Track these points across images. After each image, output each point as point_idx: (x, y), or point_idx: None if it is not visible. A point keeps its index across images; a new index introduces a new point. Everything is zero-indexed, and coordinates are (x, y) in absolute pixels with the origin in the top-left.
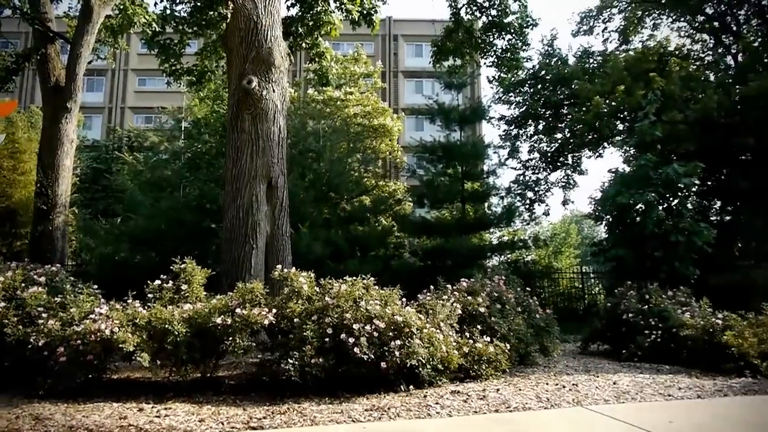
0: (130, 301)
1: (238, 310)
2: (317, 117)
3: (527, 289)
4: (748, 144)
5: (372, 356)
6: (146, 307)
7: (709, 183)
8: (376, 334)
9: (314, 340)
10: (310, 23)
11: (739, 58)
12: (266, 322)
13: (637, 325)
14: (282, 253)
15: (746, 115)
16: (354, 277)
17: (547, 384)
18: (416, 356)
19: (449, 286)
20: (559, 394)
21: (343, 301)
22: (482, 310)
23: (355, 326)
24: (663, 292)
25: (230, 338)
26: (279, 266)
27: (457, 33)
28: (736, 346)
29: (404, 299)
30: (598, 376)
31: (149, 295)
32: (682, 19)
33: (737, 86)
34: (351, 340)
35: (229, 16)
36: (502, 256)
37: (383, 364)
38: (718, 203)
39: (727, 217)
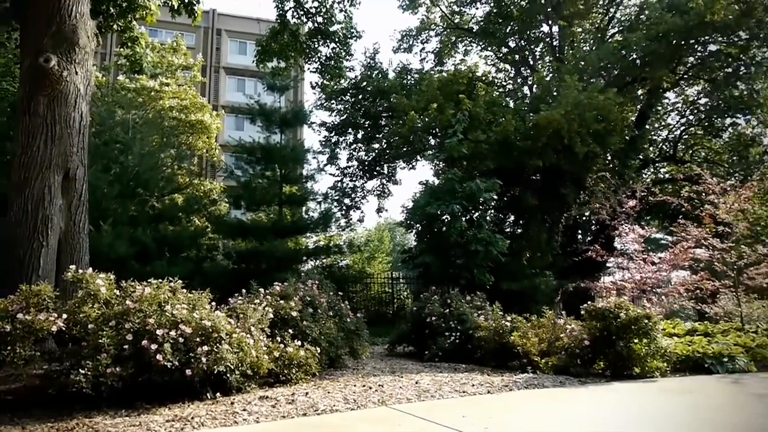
0: None
1: (20, 315)
2: (127, 106)
3: (340, 293)
4: (538, 166)
5: (176, 363)
6: None
7: (505, 198)
8: (181, 339)
9: (111, 347)
10: (123, 4)
11: (534, 89)
12: (55, 328)
13: (439, 328)
14: (78, 252)
15: (537, 140)
16: (161, 280)
17: (354, 386)
18: (224, 362)
19: (262, 290)
20: (366, 395)
21: (147, 305)
22: (294, 314)
23: (159, 332)
24: (463, 297)
25: (9, 347)
26: (73, 267)
27: (283, 35)
28: (521, 345)
29: (215, 303)
30: (402, 377)
31: None
32: (490, 48)
33: (531, 114)
34: (154, 346)
35: None
36: (318, 261)
37: (188, 372)
38: (512, 217)
39: (518, 230)
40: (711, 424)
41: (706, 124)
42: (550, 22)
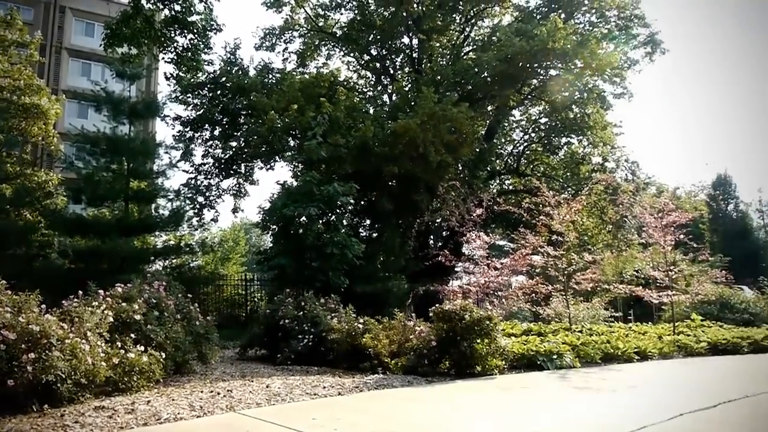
0: None
1: None
2: None
3: (190, 295)
4: (394, 172)
5: None
6: None
7: (362, 202)
8: (3, 347)
9: None
10: None
11: (393, 98)
12: None
13: (293, 330)
14: None
15: (394, 147)
16: None
17: (202, 392)
18: (55, 371)
19: (102, 291)
20: (214, 401)
21: None
22: (138, 317)
23: None
24: (317, 300)
25: None
26: None
27: (136, 20)
28: (372, 347)
29: (45, 306)
30: (252, 381)
31: None
32: (352, 54)
33: (389, 121)
34: None
35: None
36: (167, 261)
37: (11, 382)
38: (368, 221)
39: (374, 234)
40: (541, 414)
41: (546, 141)
42: (410, 35)
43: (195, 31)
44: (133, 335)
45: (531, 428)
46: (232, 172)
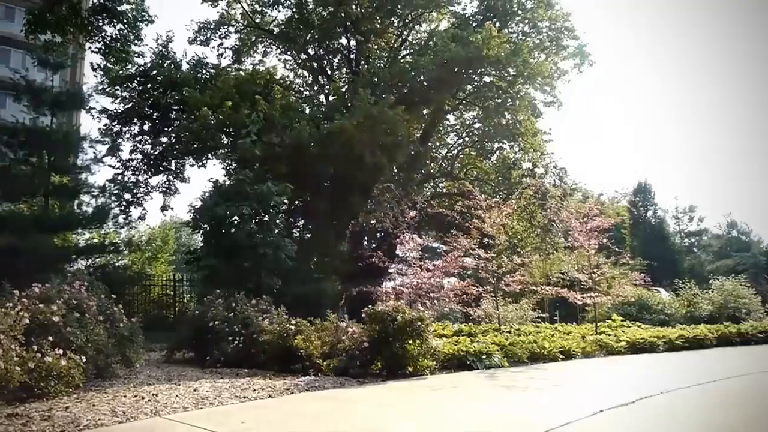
0: None
1: None
2: None
3: (114, 296)
4: (329, 173)
5: None
6: None
7: (297, 203)
8: None
9: None
10: None
11: (330, 98)
12: None
13: (223, 332)
14: None
15: (330, 148)
16: None
17: (125, 396)
18: None
19: (18, 292)
20: (137, 406)
21: None
22: (56, 319)
23: None
24: (249, 301)
25: None
26: None
27: (61, 6)
28: (304, 348)
29: None
30: (179, 385)
31: None
32: (289, 53)
33: (326, 122)
34: None
35: None
36: (90, 260)
37: None
38: (302, 221)
39: (308, 235)
40: (470, 414)
41: (479, 146)
42: (349, 36)
43: (125, 21)
44: (51, 338)
45: (459, 428)
46: (161, 168)
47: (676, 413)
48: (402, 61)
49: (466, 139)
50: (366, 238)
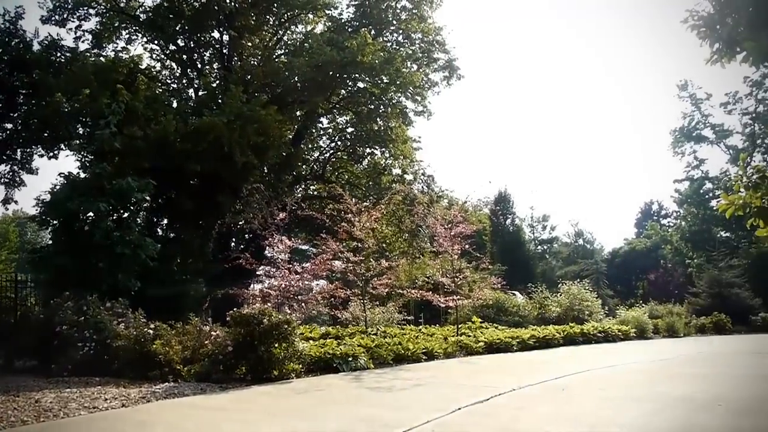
0: None
1: None
2: None
3: None
4: (197, 170)
5: None
6: None
7: (160, 200)
8: None
9: None
10: None
11: (200, 93)
12: None
13: (72, 338)
14: None
15: (198, 144)
16: None
17: None
18: None
19: None
20: None
21: None
22: None
23: None
24: (103, 304)
25: None
26: None
27: None
28: (163, 353)
29: None
30: (18, 396)
31: None
32: (157, 42)
33: (194, 117)
34: None
35: None
36: None
37: None
38: (166, 220)
39: (172, 234)
40: (334, 415)
41: (351, 150)
42: (222, 30)
43: None
44: None
45: (322, 430)
46: (5, 157)
47: (524, 408)
48: (277, 60)
49: (339, 143)
50: (234, 239)
